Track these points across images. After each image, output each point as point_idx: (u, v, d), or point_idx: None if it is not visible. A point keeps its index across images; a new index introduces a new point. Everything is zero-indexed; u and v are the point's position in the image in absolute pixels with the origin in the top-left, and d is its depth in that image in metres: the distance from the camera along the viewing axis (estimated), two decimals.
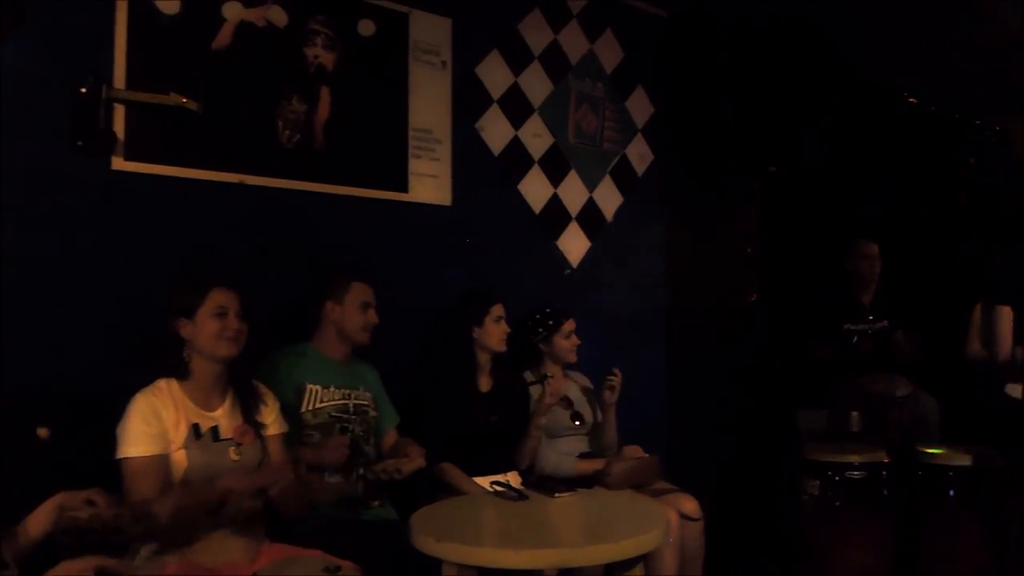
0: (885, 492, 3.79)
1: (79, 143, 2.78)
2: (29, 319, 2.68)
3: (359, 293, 3.05)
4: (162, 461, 2.35)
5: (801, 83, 4.67)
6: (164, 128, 2.95)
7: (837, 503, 3.75)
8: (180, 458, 2.37)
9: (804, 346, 4.58)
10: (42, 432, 2.51)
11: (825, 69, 4.82)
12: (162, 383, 2.46)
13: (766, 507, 4.10)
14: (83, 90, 2.78)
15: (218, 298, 2.48)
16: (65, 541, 1.94)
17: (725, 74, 4.55)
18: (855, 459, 3.78)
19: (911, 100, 5.40)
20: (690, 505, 3.34)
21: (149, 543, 2.33)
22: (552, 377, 3.47)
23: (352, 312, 3.04)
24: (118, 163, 2.87)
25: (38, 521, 2.00)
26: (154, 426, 2.35)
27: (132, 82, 2.89)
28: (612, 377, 3.64)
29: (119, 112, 2.87)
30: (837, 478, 3.76)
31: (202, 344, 2.47)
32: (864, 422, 4.28)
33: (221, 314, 2.47)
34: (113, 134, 2.84)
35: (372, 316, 3.07)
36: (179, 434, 2.39)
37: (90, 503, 1.97)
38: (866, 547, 3.73)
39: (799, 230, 4.93)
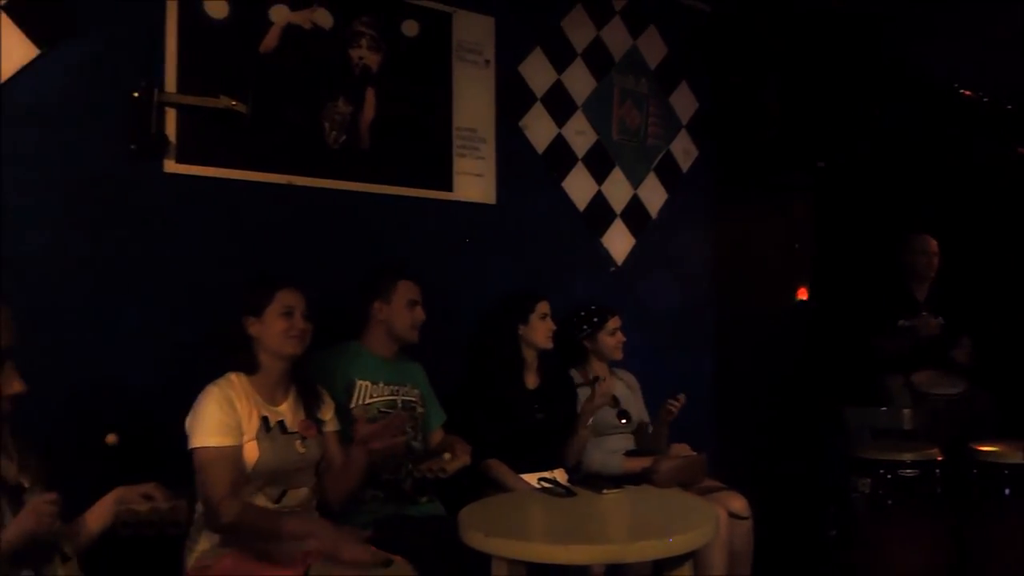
0: (938, 490, 3.73)
1: (132, 146, 2.84)
2: (87, 319, 2.74)
3: (406, 291, 3.08)
4: (236, 452, 2.42)
5: (849, 75, 4.60)
6: (214, 131, 3.00)
7: (889, 501, 3.70)
8: (251, 449, 2.44)
9: (855, 342, 4.51)
10: (110, 439, 2.56)
11: (873, 60, 4.74)
12: (233, 376, 2.53)
13: (815, 505, 4.05)
14: (136, 94, 2.83)
15: (285, 298, 2.56)
16: (124, 534, 2.00)
17: (771, 67, 4.50)
18: (908, 457, 3.72)
19: (964, 92, 5.29)
20: (739, 503, 3.32)
21: (210, 533, 2.39)
22: (603, 379, 3.46)
23: (400, 310, 3.07)
24: (170, 166, 2.93)
25: (98, 515, 2.05)
26: (230, 416, 2.42)
27: (183, 86, 2.94)
28: (675, 402, 3.60)
29: (171, 116, 2.93)
30: (889, 476, 3.71)
31: (269, 342, 2.54)
32: (917, 419, 4.22)
33: (288, 313, 2.55)
34: (165, 137, 2.90)
35: (420, 314, 3.09)
36: (251, 426, 2.46)
37: (148, 497, 2.02)
38: (918, 546, 3.67)
39: (849, 225, 4.86)
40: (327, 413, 2.72)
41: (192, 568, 2.42)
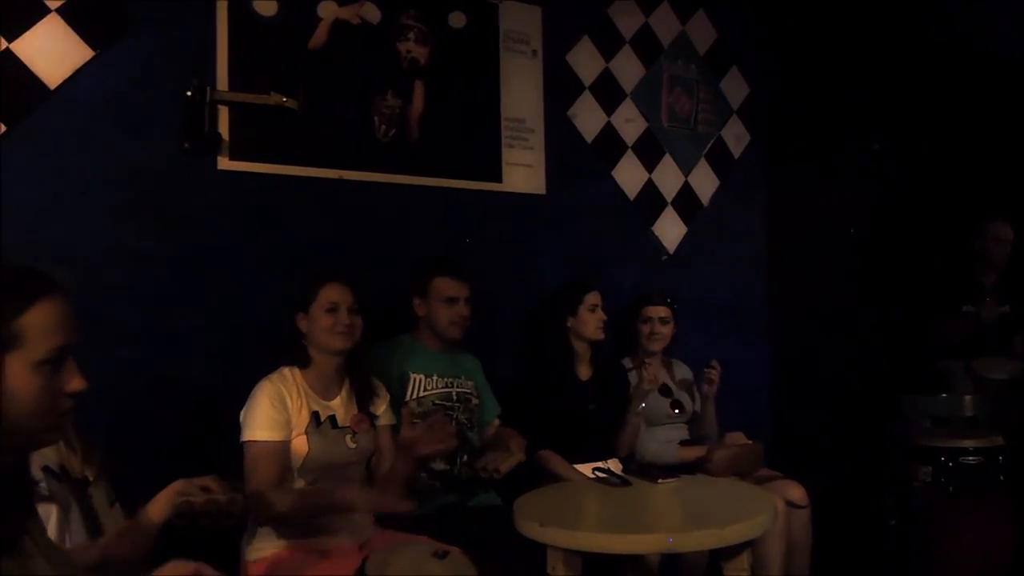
0: (1001, 478, 3.64)
1: (186, 144, 2.89)
2: (143, 314, 2.80)
3: (442, 288, 3.06)
4: (284, 447, 2.44)
5: (906, 56, 4.50)
6: (266, 127, 3.04)
7: (950, 489, 3.61)
8: (300, 444, 2.46)
9: (915, 328, 4.41)
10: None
11: (932, 41, 4.62)
12: (286, 370, 2.56)
13: (875, 494, 3.98)
14: (189, 93, 2.88)
15: (330, 293, 2.57)
16: (181, 524, 2.02)
17: (823, 50, 4.42)
18: (970, 444, 3.64)
19: None
20: (796, 492, 3.27)
21: (266, 528, 2.42)
22: (649, 363, 3.44)
23: (436, 307, 3.06)
24: (223, 162, 2.97)
25: (157, 507, 2.08)
26: (280, 412, 2.45)
27: (234, 84, 2.99)
28: (710, 369, 3.59)
29: (223, 113, 2.97)
30: (951, 464, 3.62)
31: (316, 337, 2.57)
32: (978, 406, 4.12)
33: (332, 309, 2.56)
34: (218, 135, 2.95)
35: (459, 310, 3.07)
36: (301, 420, 2.49)
37: (206, 489, 2.05)
38: (980, 534, 3.58)
39: (909, 209, 4.74)
40: (380, 407, 2.73)
41: (250, 561, 2.45)
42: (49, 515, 1.82)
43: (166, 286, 2.86)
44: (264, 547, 2.45)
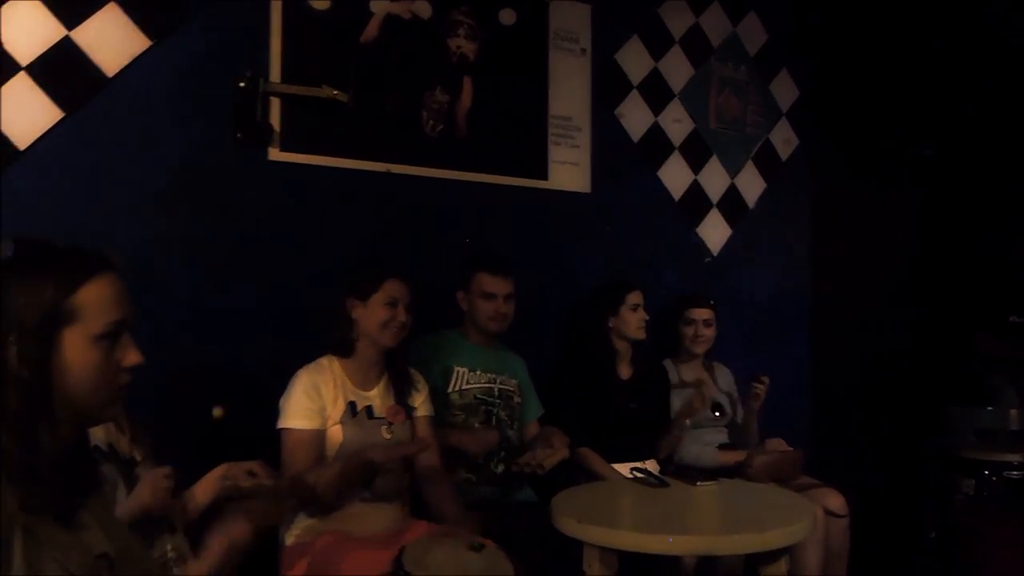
0: None
1: (238, 135, 2.94)
2: (194, 301, 2.85)
3: (483, 283, 3.09)
4: (318, 436, 2.48)
5: (957, 60, 4.42)
6: (316, 119, 3.08)
7: (993, 503, 3.55)
8: (336, 433, 2.49)
9: (961, 339, 4.34)
10: (217, 412, 2.66)
11: (984, 43, 4.54)
12: (324, 361, 2.59)
13: (915, 505, 3.93)
14: (242, 84, 2.93)
15: (392, 289, 2.59)
16: (228, 508, 2.06)
17: (873, 53, 4.36)
18: (1014, 458, 3.57)
19: None
20: (836, 501, 3.24)
21: (305, 513, 2.45)
22: (705, 385, 3.42)
23: (477, 302, 3.09)
24: (274, 154, 3.01)
25: (203, 490, 2.13)
26: (315, 401, 2.48)
27: (287, 76, 3.02)
28: (759, 384, 3.56)
29: (275, 105, 3.01)
30: (994, 478, 3.56)
31: (369, 328, 2.58)
32: None
33: (392, 304, 2.57)
34: (270, 126, 2.99)
35: (498, 306, 3.08)
36: (336, 410, 2.51)
37: (251, 474, 2.09)
38: (1022, 550, 3.52)
39: (958, 215, 4.66)
40: (418, 399, 2.74)
41: (288, 545, 2.49)
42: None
43: (214, 273, 2.91)
44: (301, 533, 2.49)
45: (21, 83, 2.61)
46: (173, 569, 1.90)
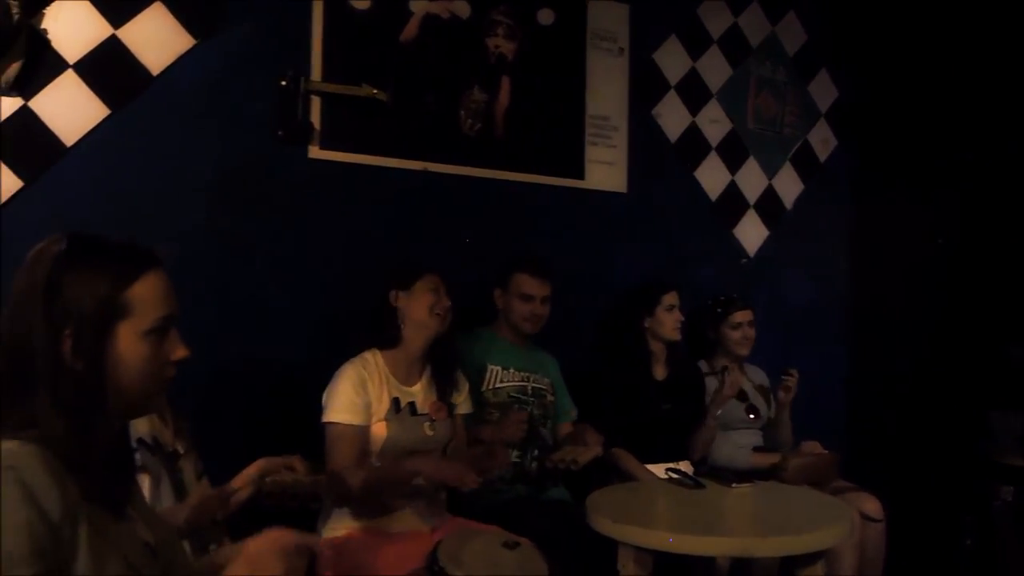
0: None
1: (279, 133, 2.97)
2: (234, 296, 2.88)
3: (521, 284, 3.11)
4: (362, 431, 2.50)
5: (1000, 62, 4.36)
6: (356, 118, 3.11)
7: None
8: (380, 429, 2.52)
9: (1002, 343, 4.28)
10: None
11: None
12: (368, 355, 2.62)
13: (952, 511, 3.88)
14: (283, 83, 2.96)
15: (433, 278, 2.65)
16: (267, 503, 2.09)
17: (914, 54, 4.31)
18: None
19: None
20: (872, 505, 3.22)
21: (341, 509, 2.48)
22: (731, 369, 3.42)
23: (514, 302, 3.11)
24: (314, 151, 3.05)
25: (243, 483, 2.15)
26: (361, 396, 2.51)
27: (327, 74, 3.05)
28: (788, 377, 3.55)
29: (315, 103, 3.04)
30: None
31: (415, 315, 2.62)
32: None
33: (435, 290, 2.62)
34: (310, 124, 3.02)
35: (534, 307, 3.10)
36: (381, 406, 2.54)
37: (291, 468, 2.11)
38: None
39: (998, 220, 4.60)
40: (459, 397, 2.78)
41: (325, 540, 2.51)
42: (141, 485, 1.90)
43: (253, 269, 2.95)
44: (338, 527, 2.51)
45: (69, 80, 2.66)
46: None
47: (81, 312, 1.19)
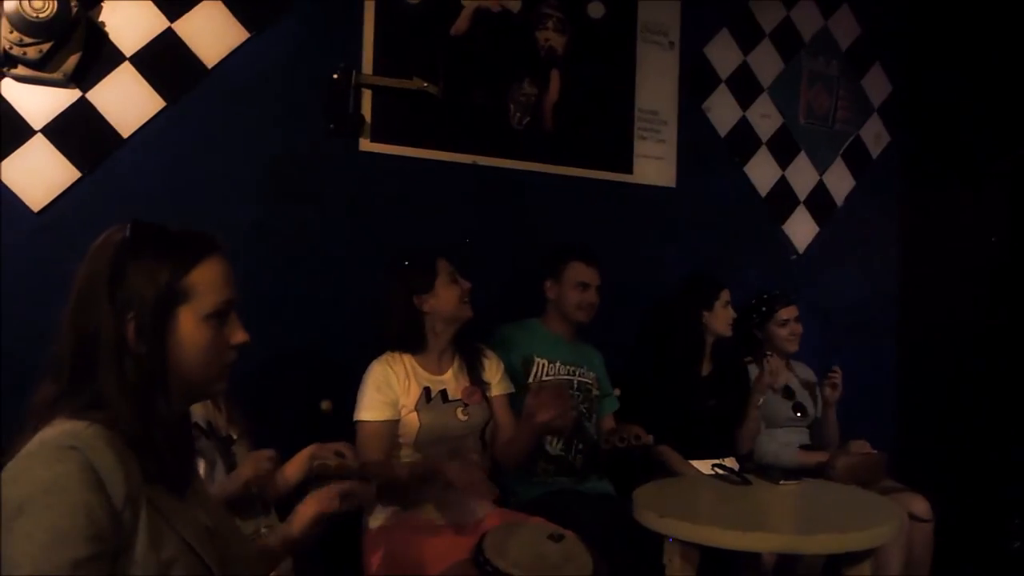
0: None
1: (331, 126, 3.00)
2: (284, 286, 2.92)
3: (576, 272, 3.11)
4: (389, 426, 2.54)
5: None
6: (406, 111, 3.12)
7: None
8: (412, 420, 2.55)
9: None
10: (325, 406, 2.74)
11: None
12: (395, 352, 2.64)
13: (1000, 514, 3.82)
14: (335, 76, 2.99)
15: (445, 266, 2.66)
16: (315, 486, 2.12)
17: (969, 48, 4.23)
18: None
19: None
20: (920, 505, 3.17)
21: (388, 498, 2.51)
22: (772, 355, 3.39)
23: (568, 291, 3.11)
24: (365, 144, 3.07)
25: (293, 469, 2.20)
26: (386, 394, 2.54)
27: (379, 68, 3.08)
28: (833, 375, 3.51)
29: (367, 96, 3.07)
30: None
31: (446, 311, 2.64)
32: None
33: (454, 280, 2.64)
34: (361, 117, 3.04)
35: (589, 296, 3.12)
36: (411, 398, 2.57)
37: (339, 455, 2.15)
38: None
39: None
40: (493, 374, 2.78)
41: (371, 528, 2.54)
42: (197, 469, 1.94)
43: (304, 260, 2.98)
44: (385, 518, 2.54)
45: (125, 73, 2.70)
46: None
47: (143, 298, 1.22)
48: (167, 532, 1.19)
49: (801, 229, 4.16)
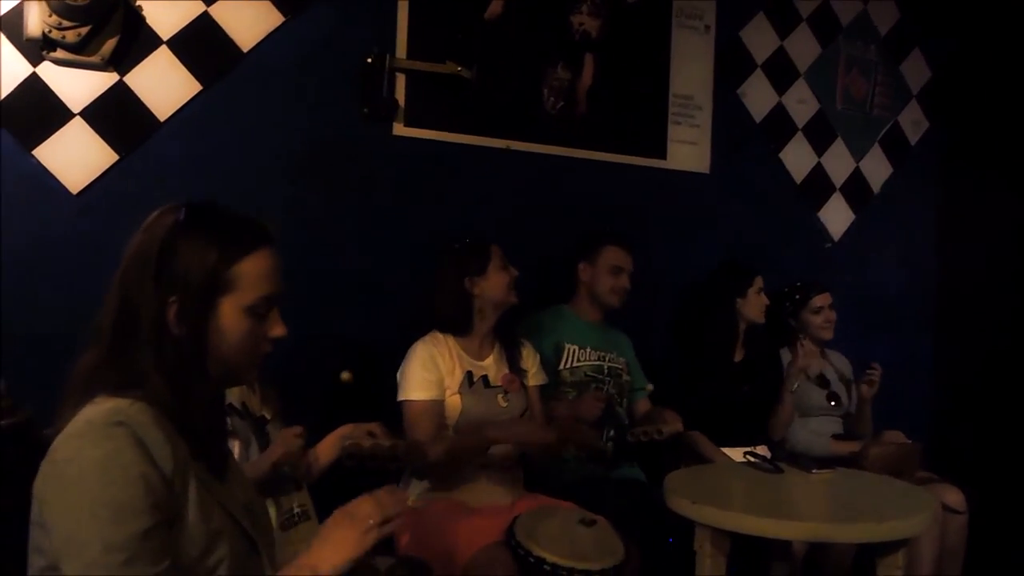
0: None
1: (365, 110, 3.01)
2: (319, 268, 2.92)
3: (611, 256, 3.11)
4: (438, 405, 2.55)
5: None
6: (440, 95, 3.12)
7: None
8: (454, 402, 2.56)
9: None
10: (345, 376, 2.77)
11: None
12: (438, 333, 2.66)
13: None
14: (369, 60, 2.99)
15: (497, 251, 2.68)
16: (348, 465, 2.15)
17: (1010, 34, 4.14)
18: None
19: None
20: (954, 497, 3.13)
21: (421, 479, 2.52)
22: (805, 339, 3.36)
23: (602, 274, 3.11)
24: (398, 129, 3.08)
25: (325, 449, 2.22)
26: (432, 373, 2.56)
27: (413, 52, 3.07)
28: (872, 372, 3.47)
29: (400, 81, 3.07)
30: None
31: (494, 295, 2.66)
32: None
33: (505, 267, 2.67)
34: (395, 101, 3.05)
35: (623, 281, 3.12)
36: (454, 380, 2.58)
37: (371, 434, 2.16)
38: None
39: None
40: (530, 364, 2.79)
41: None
42: (231, 449, 1.96)
43: (337, 243, 3.00)
44: (418, 498, 2.56)
45: (162, 56, 2.73)
46: (298, 524, 1.99)
47: (187, 282, 1.22)
48: (213, 506, 1.21)
49: (837, 216, 4.11)
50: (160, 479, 1.14)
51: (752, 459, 2.78)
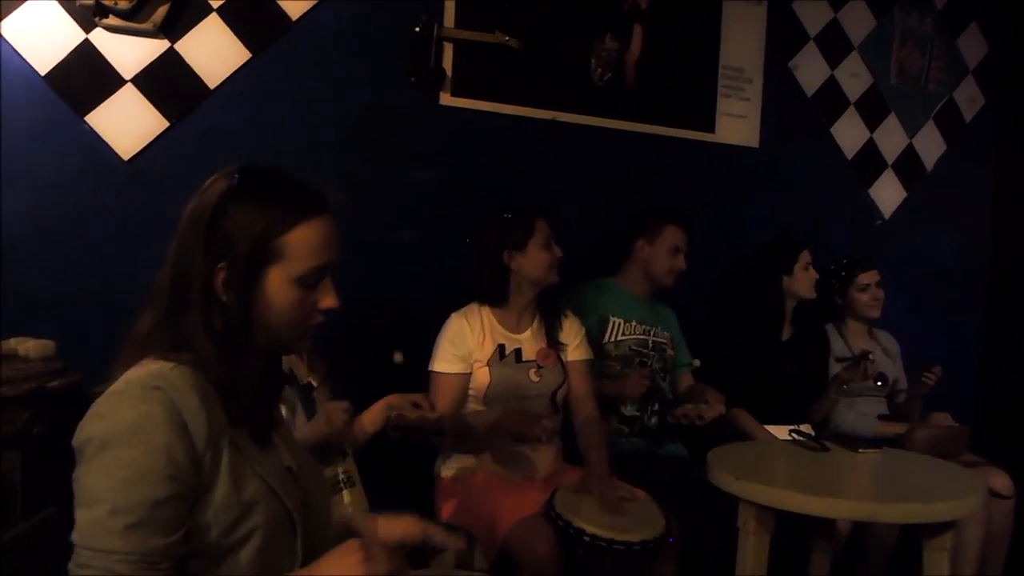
0: None
1: (412, 79, 3.00)
2: (365, 238, 2.94)
3: (671, 236, 3.07)
4: (460, 379, 2.56)
5: None
6: (488, 65, 3.10)
7: None
8: (483, 374, 2.57)
9: None
10: (398, 357, 2.77)
11: None
12: (475, 305, 2.66)
13: None
14: (417, 29, 2.98)
15: (543, 228, 2.63)
16: (393, 436, 2.17)
17: None
18: None
19: None
20: (1001, 481, 3.07)
21: (464, 452, 2.54)
22: (872, 359, 3.29)
23: (661, 254, 3.07)
24: (445, 98, 3.07)
25: (371, 418, 2.24)
26: (459, 347, 2.56)
27: (461, 21, 3.06)
28: (931, 374, 3.39)
29: (448, 50, 3.06)
30: None
31: (532, 273, 2.62)
32: None
33: (548, 245, 2.62)
34: (443, 71, 3.04)
35: (680, 262, 3.08)
36: (484, 352, 2.58)
37: (416, 405, 2.17)
38: None
39: None
40: (572, 337, 2.74)
41: (446, 478, 2.57)
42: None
43: (385, 212, 3.00)
44: (458, 469, 2.57)
45: (212, 24, 2.74)
46: (343, 490, 2.01)
47: (235, 250, 1.21)
48: (249, 474, 1.21)
49: (888, 193, 4.04)
50: (187, 452, 1.13)
51: (798, 437, 2.75)
